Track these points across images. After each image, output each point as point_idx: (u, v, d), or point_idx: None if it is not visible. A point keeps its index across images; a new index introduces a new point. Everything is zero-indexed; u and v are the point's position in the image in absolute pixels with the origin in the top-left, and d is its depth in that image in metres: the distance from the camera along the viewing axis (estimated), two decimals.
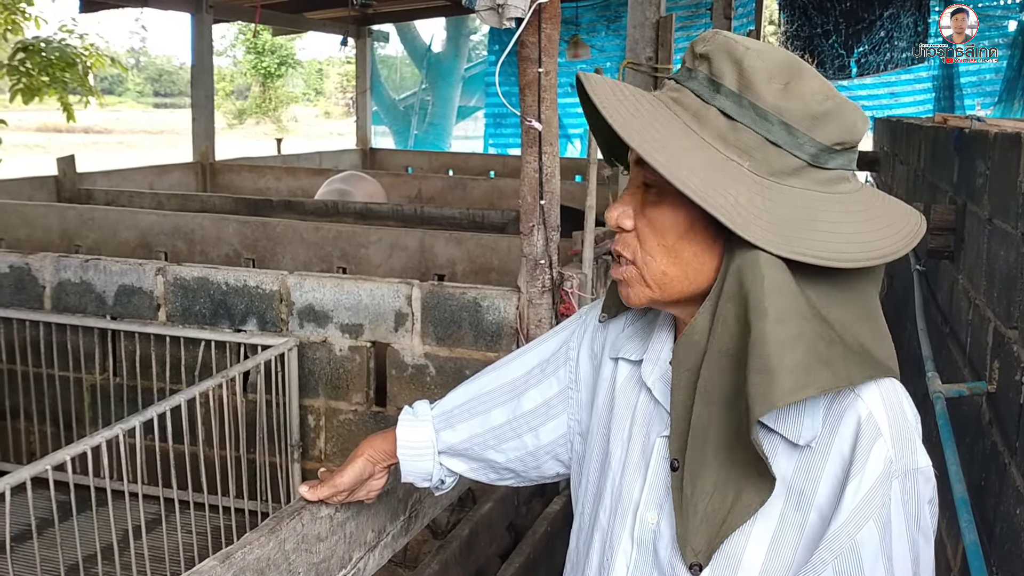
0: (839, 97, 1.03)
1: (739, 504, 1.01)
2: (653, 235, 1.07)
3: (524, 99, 3.72)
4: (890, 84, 11.64)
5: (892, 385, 1.03)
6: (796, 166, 1.02)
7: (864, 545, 0.97)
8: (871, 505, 0.97)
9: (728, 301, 1.01)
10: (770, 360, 0.95)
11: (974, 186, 3.06)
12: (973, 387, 2.56)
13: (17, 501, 2.93)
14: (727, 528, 1.02)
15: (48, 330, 4.76)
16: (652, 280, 1.09)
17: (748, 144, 1.02)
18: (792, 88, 1.01)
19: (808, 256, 0.98)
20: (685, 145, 1.02)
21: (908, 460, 0.99)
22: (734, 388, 1.01)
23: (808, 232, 0.99)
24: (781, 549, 1.02)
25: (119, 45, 53.08)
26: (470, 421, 1.44)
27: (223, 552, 1.56)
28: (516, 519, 3.38)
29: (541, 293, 3.92)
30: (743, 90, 1.02)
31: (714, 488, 1.03)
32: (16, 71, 8.63)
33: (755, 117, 1.01)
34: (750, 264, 0.99)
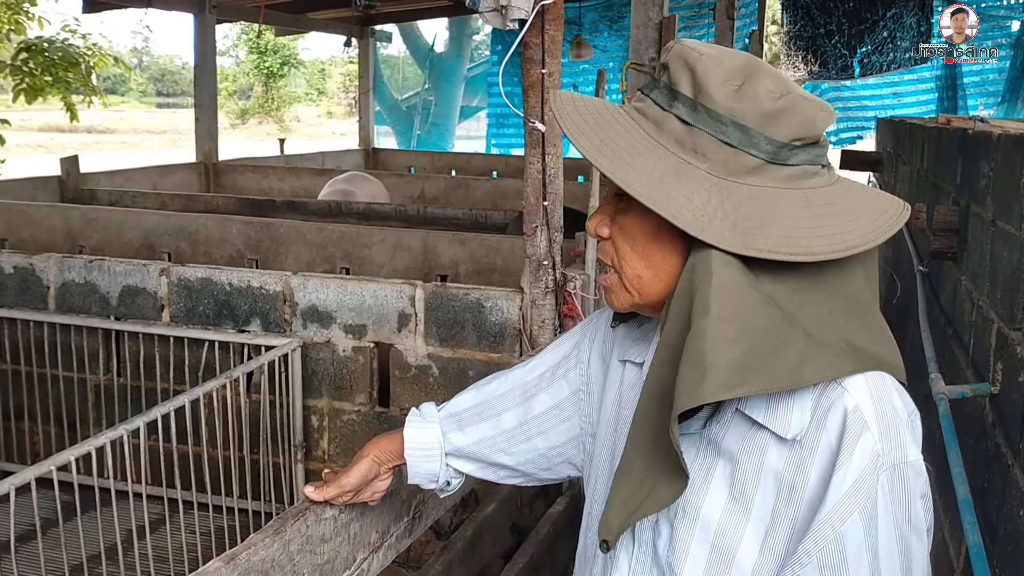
0: (795, 94, 1.04)
1: (653, 495, 1.04)
2: (625, 241, 1.12)
3: (527, 100, 3.73)
4: (893, 84, 11.62)
5: (881, 378, 1.03)
6: (754, 164, 1.03)
7: (848, 537, 0.97)
8: (856, 497, 0.97)
9: (678, 298, 1.04)
10: (705, 356, 0.96)
11: (977, 187, 3.06)
12: (976, 388, 2.56)
13: (21, 501, 2.93)
14: (636, 515, 1.05)
15: (52, 330, 4.77)
16: (630, 284, 1.13)
17: (704, 147, 1.04)
18: (745, 89, 1.03)
19: (764, 252, 1.00)
20: (638, 150, 1.05)
21: (897, 453, 0.99)
22: (667, 384, 1.02)
23: (764, 228, 1.01)
24: (774, 543, 1.03)
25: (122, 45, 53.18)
26: (480, 424, 1.45)
27: (228, 553, 1.56)
28: (519, 520, 3.39)
29: (544, 294, 3.93)
30: (697, 95, 1.04)
31: (639, 477, 1.05)
32: (19, 71, 8.66)
33: (708, 120, 1.03)
34: (702, 262, 1.01)
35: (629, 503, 1.05)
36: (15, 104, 9.32)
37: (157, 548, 3.76)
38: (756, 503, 1.04)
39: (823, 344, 1.01)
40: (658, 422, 1.04)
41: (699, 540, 1.08)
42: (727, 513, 1.06)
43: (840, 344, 1.02)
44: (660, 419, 1.04)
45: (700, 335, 0.98)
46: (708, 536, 1.07)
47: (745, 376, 0.97)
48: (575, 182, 7.98)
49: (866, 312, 1.06)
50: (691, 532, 1.08)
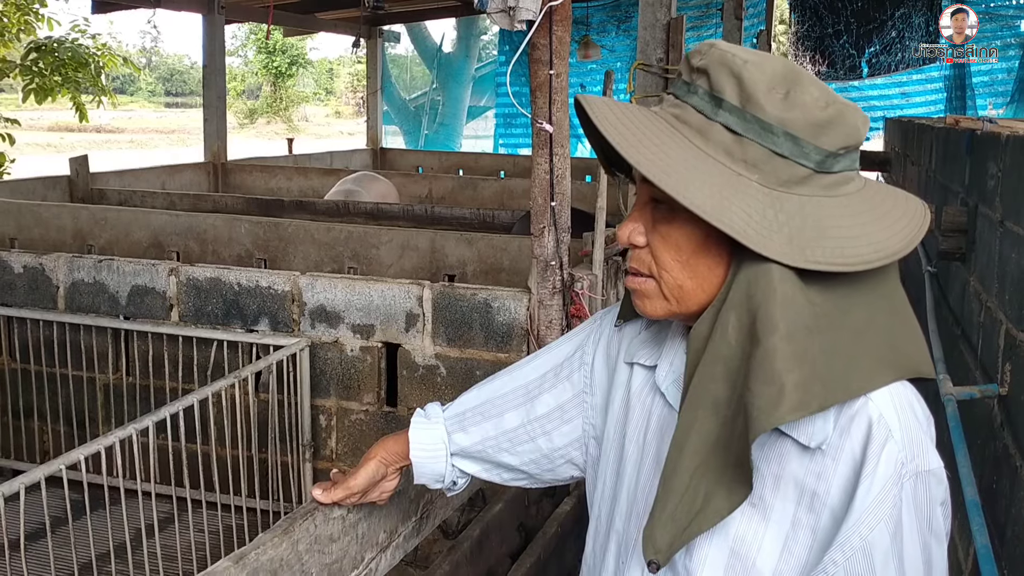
0: (839, 101, 1.04)
1: (708, 509, 1.02)
2: (668, 250, 1.08)
3: (535, 101, 3.73)
4: (901, 84, 11.60)
5: (903, 387, 1.03)
6: (803, 175, 1.02)
7: (875, 546, 0.97)
8: (882, 507, 0.97)
9: (731, 310, 1.02)
10: (779, 375, 0.96)
11: (986, 188, 3.05)
12: (984, 389, 2.56)
13: (31, 500, 2.95)
14: (691, 532, 1.02)
15: (61, 330, 4.79)
16: (670, 293, 1.10)
17: (755, 157, 1.02)
18: (793, 97, 1.02)
19: (822, 264, 0.99)
20: (692, 163, 1.02)
21: (919, 461, 0.99)
22: (723, 396, 1.01)
23: (820, 239, 1.00)
24: (794, 550, 1.03)
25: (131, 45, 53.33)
26: (483, 424, 1.45)
27: (237, 553, 1.57)
28: (526, 519, 3.39)
29: (552, 294, 3.93)
30: (745, 104, 1.02)
31: (685, 490, 1.03)
32: (29, 71, 8.69)
33: (759, 130, 1.02)
34: (762, 276, 1.00)
35: (679, 519, 1.03)
36: (25, 104, 9.36)
37: (166, 546, 3.78)
38: (776, 510, 1.04)
39: (868, 352, 1.01)
40: (709, 434, 1.03)
41: (717, 547, 1.07)
42: (746, 520, 1.06)
43: (884, 349, 1.02)
44: (707, 432, 1.03)
45: (772, 353, 0.97)
46: (727, 542, 1.06)
47: (814, 392, 0.97)
48: (582, 182, 7.98)
49: (903, 310, 1.06)
50: (709, 538, 1.07)
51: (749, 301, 1.00)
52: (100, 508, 3.45)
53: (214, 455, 3.99)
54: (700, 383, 1.04)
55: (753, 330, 0.99)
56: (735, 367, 1.01)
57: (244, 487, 4.14)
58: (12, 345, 4.99)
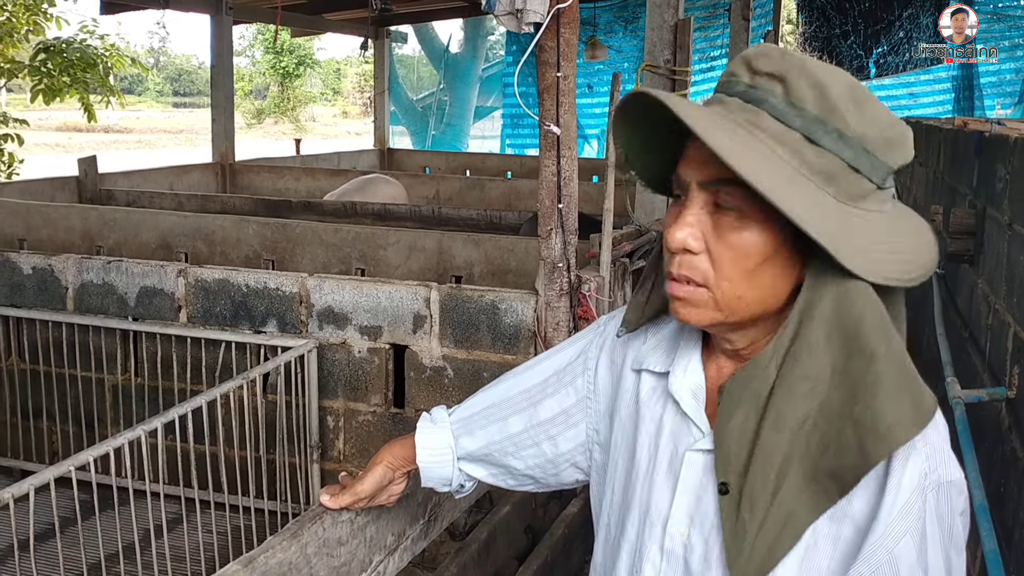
0: (900, 120, 1.05)
1: (790, 525, 1.01)
2: (734, 260, 1.04)
3: (543, 103, 3.74)
4: (909, 84, 11.57)
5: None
6: (869, 190, 1.02)
7: (901, 559, 0.97)
8: (907, 518, 0.97)
9: (820, 325, 1.00)
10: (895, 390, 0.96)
11: (994, 190, 3.05)
12: (992, 392, 2.55)
13: (40, 500, 2.96)
14: (778, 551, 1.01)
15: (71, 331, 4.81)
16: (725, 304, 1.06)
17: (832, 170, 1.01)
18: (867, 112, 1.01)
19: (892, 279, 1.00)
20: (778, 169, 1.00)
21: (942, 472, 0.99)
22: (808, 413, 1.00)
23: (885, 255, 1.00)
24: (815, 561, 1.02)
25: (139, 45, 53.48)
26: (487, 428, 1.45)
27: (246, 556, 1.58)
28: (533, 521, 3.40)
29: (559, 296, 3.93)
30: (828, 115, 1.00)
31: (767, 511, 1.01)
32: (38, 71, 8.72)
33: (841, 144, 1.00)
34: (853, 291, 0.99)
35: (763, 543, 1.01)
36: (33, 104, 9.38)
37: (174, 547, 3.79)
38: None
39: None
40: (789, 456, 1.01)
41: None
42: None
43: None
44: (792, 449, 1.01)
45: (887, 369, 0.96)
46: None
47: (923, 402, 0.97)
48: (588, 183, 7.98)
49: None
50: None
51: (841, 317, 0.99)
52: (109, 509, 3.47)
53: (222, 456, 4.01)
54: (785, 403, 1.01)
55: (858, 345, 0.98)
56: (829, 384, 0.99)
57: (252, 488, 4.15)
58: (21, 346, 5.01)
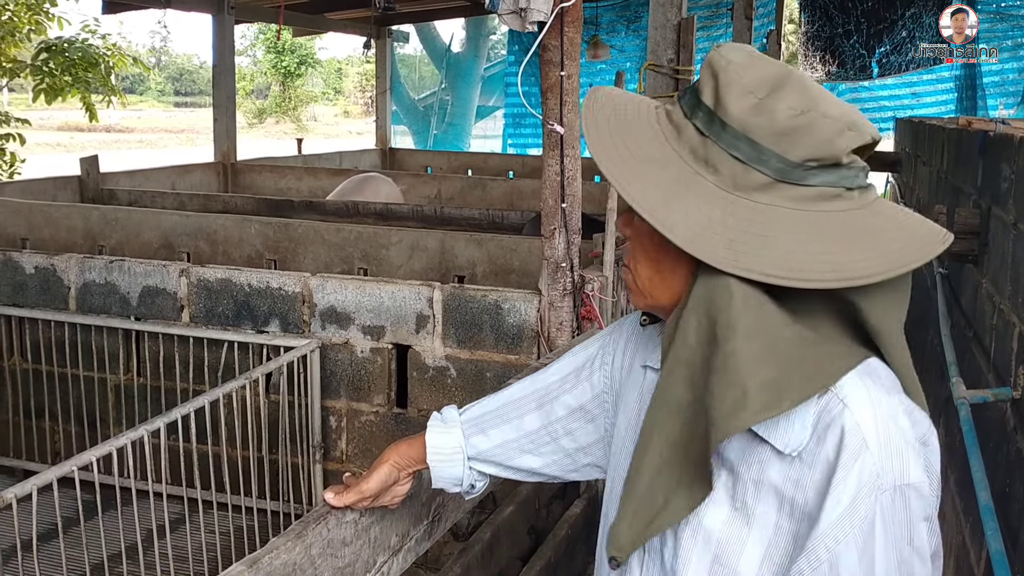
0: (818, 112, 1.00)
1: (669, 507, 1.04)
2: (639, 244, 1.12)
3: (546, 102, 3.73)
4: (912, 84, 11.56)
5: (887, 397, 1.01)
6: (763, 182, 1.00)
7: (842, 558, 0.96)
8: (852, 519, 0.96)
9: (691, 312, 1.02)
10: (743, 378, 0.96)
11: (999, 190, 3.04)
12: (997, 393, 2.55)
13: (43, 500, 2.96)
14: (653, 529, 1.05)
15: (73, 331, 4.81)
16: (642, 286, 1.13)
17: (715, 159, 1.02)
18: (765, 103, 1.00)
19: (754, 273, 0.97)
20: (654, 159, 1.04)
21: (897, 475, 0.96)
22: (684, 398, 1.03)
23: (761, 249, 0.98)
24: (775, 557, 1.02)
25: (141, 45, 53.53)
26: (502, 427, 1.45)
27: (250, 557, 1.57)
28: (537, 522, 3.39)
29: (562, 296, 3.93)
30: (715, 105, 1.02)
31: (647, 489, 1.05)
32: (39, 71, 8.72)
33: (722, 132, 1.01)
34: (720, 280, 0.99)
35: (640, 517, 1.05)
36: (35, 104, 9.39)
37: (177, 547, 3.79)
38: (758, 515, 1.04)
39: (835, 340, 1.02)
40: (671, 435, 1.04)
41: (701, 551, 1.07)
42: (729, 525, 1.05)
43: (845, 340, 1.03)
44: (673, 432, 1.04)
45: (733, 356, 0.97)
46: (710, 547, 1.06)
47: (783, 392, 0.96)
48: (591, 182, 7.98)
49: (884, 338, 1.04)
50: (693, 542, 1.07)
51: (709, 305, 1.00)
52: (112, 509, 3.46)
53: (225, 456, 4.00)
54: (663, 385, 1.05)
55: (713, 334, 1.00)
56: (696, 370, 1.01)
57: (254, 488, 4.15)
58: (24, 345, 5.01)
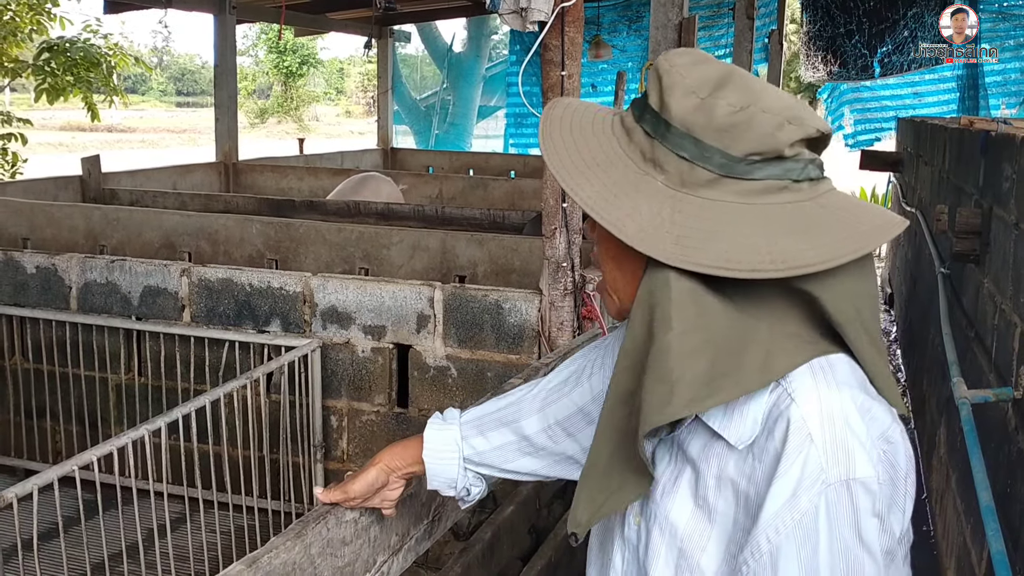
0: (756, 108, 1.01)
1: (620, 492, 1.07)
2: (603, 247, 1.14)
3: (547, 102, 3.73)
4: (914, 84, 11.55)
5: (838, 394, 1.00)
6: (708, 178, 1.02)
7: (781, 550, 0.96)
8: (793, 511, 0.95)
9: (637, 307, 1.04)
10: (671, 372, 0.97)
11: (1000, 190, 3.04)
12: (999, 393, 2.54)
13: (44, 499, 2.96)
14: (604, 510, 1.08)
15: (74, 330, 4.81)
16: (611, 288, 1.15)
17: (662, 159, 1.04)
18: (707, 102, 1.02)
19: (702, 267, 0.98)
20: (603, 163, 1.07)
21: (844, 468, 0.96)
22: (628, 388, 1.05)
23: (709, 242, 0.99)
24: (735, 552, 1.03)
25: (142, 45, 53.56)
26: (502, 429, 1.46)
27: (250, 556, 1.57)
28: (537, 522, 3.39)
29: (563, 296, 3.93)
30: (660, 107, 1.05)
31: (603, 472, 1.09)
32: (41, 71, 8.73)
33: (667, 132, 1.04)
34: (659, 275, 1.01)
35: (595, 498, 1.08)
36: (37, 104, 9.40)
37: (177, 547, 3.79)
38: (719, 511, 1.04)
39: (789, 334, 1.01)
40: (619, 423, 1.07)
41: (668, 545, 1.08)
42: (693, 519, 1.07)
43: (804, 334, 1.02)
44: (621, 420, 1.07)
45: (665, 350, 0.98)
46: (676, 541, 1.08)
47: (715, 385, 0.97)
48: None
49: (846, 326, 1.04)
50: (661, 536, 1.09)
51: (650, 298, 1.03)
52: (112, 508, 3.46)
53: (226, 456, 4.00)
54: (615, 375, 1.08)
55: (651, 327, 1.01)
56: (637, 361, 1.03)
57: (255, 488, 4.15)
58: (25, 345, 5.01)
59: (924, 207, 5.56)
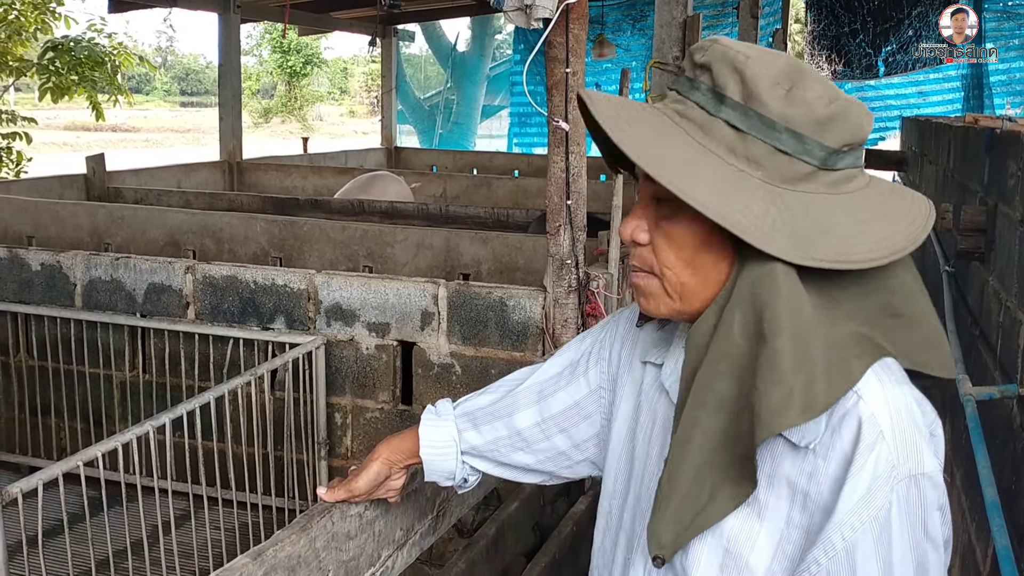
0: (843, 98, 1.03)
1: (712, 505, 1.02)
2: (671, 248, 1.08)
3: (551, 99, 3.73)
4: (918, 83, 11.53)
5: (899, 389, 1.02)
6: (807, 171, 1.02)
7: (858, 548, 0.96)
8: (868, 508, 0.96)
9: (736, 307, 1.02)
10: (788, 377, 0.96)
11: (1005, 187, 3.03)
12: (1004, 390, 2.54)
13: (49, 496, 2.97)
14: (695, 527, 1.03)
15: (79, 327, 4.82)
16: (673, 291, 1.09)
17: (757, 154, 1.02)
18: (795, 94, 1.02)
19: (826, 262, 0.99)
20: (693, 159, 1.02)
21: (912, 464, 0.97)
22: (729, 393, 1.02)
23: (823, 237, 1.00)
24: (787, 550, 1.02)
25: (147, 44, 53.62)
26: (494, 423, 1.44)
27: (255, 549, 1.57)
28: (542, 519, 3.39)
29: (567, 293, 3.93)
30: (747, 100, 1.02)
31: (689, 487, 1.03)
32: (46, 70, 8.75)
33: (761, 126, 1.02)
34: (767, 274, 0.99)
35: (682, 516, 1.03)
36: (42, 103, 9.42)
37: (182, 543, 3.79)
38: (770, 509, 1.04)
39: (861, 336, 1.02)
40: (710, 433, 1.03)
41: (712, 545, 1.07)
42: (741, 519, 1.05)
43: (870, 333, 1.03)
44: (712, 430, 1.03)
45: (780, 353, 0.97)
46: (721, 541, 1.06)
47: (818, 392, 0.97)
48: (597, 180, 7.97)
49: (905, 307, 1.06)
50: (704, 536, 1.07)
51: (755, 299, 1.00)
52: (117, 505, 3.47)
53: (230, 453, 4.01)
54: (704, 380, 1.04)
55: (760, 329, 0.99)
56: (742, 364, 1.01)
57: (260, 484, 4.16)
58: (30, 342, 5.02)
59: None
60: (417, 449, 1.49)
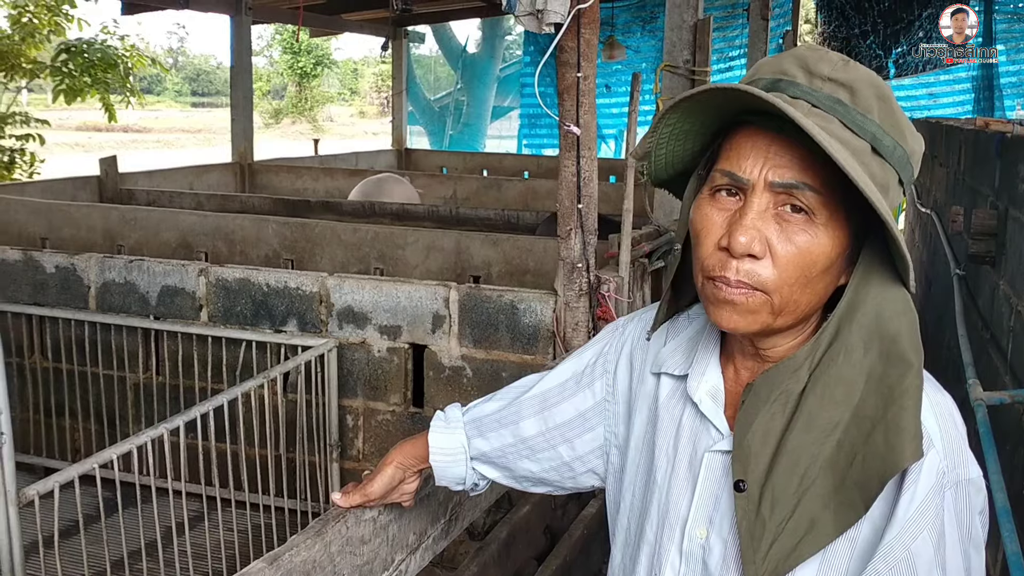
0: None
1: (814, 532, 1.00)
2: (800, 265, 1.02)
3: (563, 104, 3.74)
4: (929, 85, 11.51)
5: (942, 395, 1.04)
6: (898, 202, 1.05)
7: (919, 556, 0.97)
8: (925, 516, 0.97)
9: (859, 330, 1.01)
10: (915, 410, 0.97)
11: (1016, 191, 3.04)
12: (1015, 394, 2.54)
13: (64, 497, 3.00)
14: (797, 556, 1.00)
15: (93, 329, 4.85)
16: (781, 308, 1.04)
17: (887, 182, 1.03)
18: (912, 128, 1.04)
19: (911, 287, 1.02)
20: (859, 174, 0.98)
21: (960, 471, 1.00)
22: (842, 418, 1.00)
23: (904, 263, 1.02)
24: (834, 561, 1.02)
25: (158, 45, 53.82)
26: (500, 431, 1.44)
27: (271, 554, 1.59)
28: (552, 522, 3.41)
29: (578, 296, 3.94)
30: (890, 128, 1.02)
31: (791, 514, 1.00)
32: (59, 72, 8.82)
33: (900, 160, 1.03)
34: (900, 301, 1.01)
35: (784, 545, 1.00)
36: (55, 104, 9.48)
37: (195, 545, 3.82)
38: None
39: None
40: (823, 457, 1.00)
41: None
42: None
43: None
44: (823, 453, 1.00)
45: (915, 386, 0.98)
46: None
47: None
48: (606, 183, 7.98)
49: None
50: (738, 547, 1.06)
51: (882, 326, 1.00)
52: (132, 506, 3.50)
53: (243, 455, 4.03)
54: (816, 405, 1.01)
55: (890, 357, 0.99)
56: (862, 391, 1.00)
57: (272, 486, 4.18)
58: (44, 344, 5.06)
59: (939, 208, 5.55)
60: (427, 455, 1.50)
